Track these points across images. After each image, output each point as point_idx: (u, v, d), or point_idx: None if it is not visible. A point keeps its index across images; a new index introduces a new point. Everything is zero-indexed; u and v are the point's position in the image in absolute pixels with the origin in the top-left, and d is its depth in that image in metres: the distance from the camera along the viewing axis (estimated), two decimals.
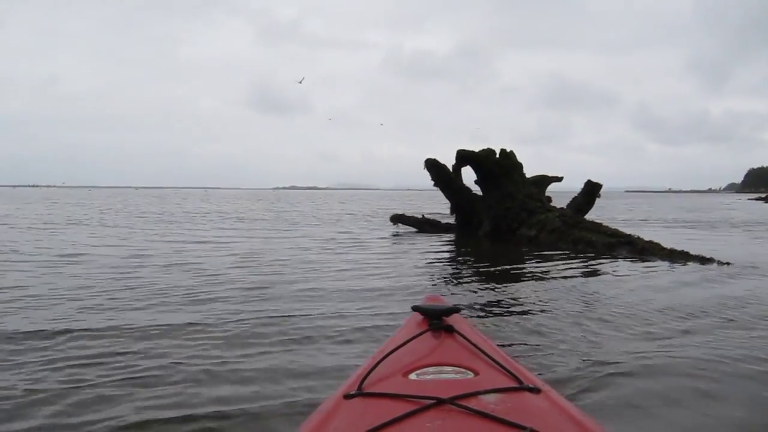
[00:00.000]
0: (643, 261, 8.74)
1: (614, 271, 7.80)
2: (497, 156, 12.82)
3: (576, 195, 14.43)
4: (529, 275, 7.45)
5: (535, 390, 1.29)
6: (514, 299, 5.63)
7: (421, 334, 1.62)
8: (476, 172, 13.05)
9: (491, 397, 1.22)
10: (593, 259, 9.03)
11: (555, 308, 5.10)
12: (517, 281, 6.94)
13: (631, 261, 8.77)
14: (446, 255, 10.39)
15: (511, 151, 12.98)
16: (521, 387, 1.30)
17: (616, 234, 10.37)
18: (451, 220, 14.43)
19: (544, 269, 7.92)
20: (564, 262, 8.67)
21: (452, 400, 1.18)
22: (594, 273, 7.70)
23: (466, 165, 13.06)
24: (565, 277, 7.09)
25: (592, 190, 14.20)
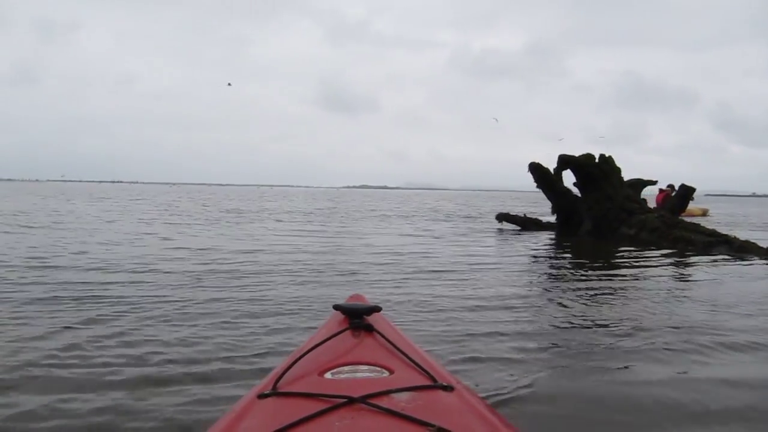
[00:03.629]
0: (742, 259, 9.72)
1: (716, 266, 8.83)
2: (596, 161, 13.93)
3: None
4: (641, 266, 8.68)
5: (449, 388, 1.31)
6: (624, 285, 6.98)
7: (340, 332, 1.63)
8: (576, 175, 14.13)
9: (403, 396, 1.24)
10: (694, 256, 10.03)
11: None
12: (632, 271, 8.22)
13: (730, 258, 9.74)
14: (569, 251, 11.68)
15: (610, 156, 14.00)
16: (434, 385, 1.32)
17: (714, 234, 11.31)
18: (542, 219, 15.70)
19: (653, 263, 9.09)
20: (668, 258, 9.76)
21: (363, 399, 1.19)
22: (699, 268, 8.80)
23: (567, 168, 14.19)
24: (671, 271, 8.33)
25: (686, 194, 15.12)
